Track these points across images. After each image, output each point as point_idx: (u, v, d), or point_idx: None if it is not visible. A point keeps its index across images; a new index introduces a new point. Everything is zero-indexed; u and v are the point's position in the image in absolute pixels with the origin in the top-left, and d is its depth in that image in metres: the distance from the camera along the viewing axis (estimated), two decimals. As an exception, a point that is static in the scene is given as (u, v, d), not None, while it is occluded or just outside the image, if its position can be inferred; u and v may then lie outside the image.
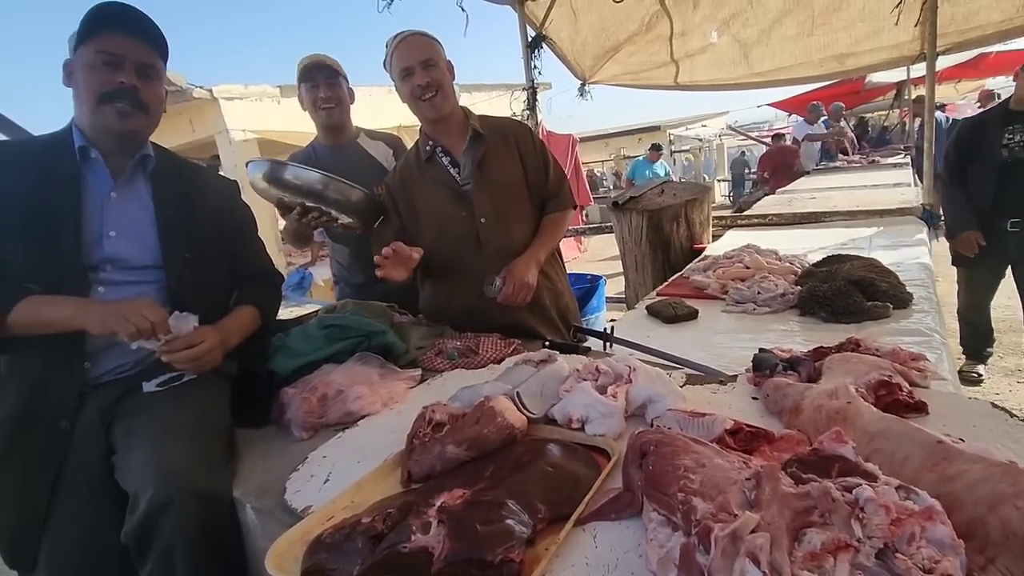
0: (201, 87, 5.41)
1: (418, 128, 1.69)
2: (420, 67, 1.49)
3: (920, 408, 0.92)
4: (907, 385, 0.96)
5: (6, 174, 1.11)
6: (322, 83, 1.90)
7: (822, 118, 7.79)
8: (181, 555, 0.90)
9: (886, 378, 0.94)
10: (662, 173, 8.34)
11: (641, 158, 9.12)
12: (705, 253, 2.55)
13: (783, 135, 8.46)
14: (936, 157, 3.10)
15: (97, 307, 1.07)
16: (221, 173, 1.42)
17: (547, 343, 1.50)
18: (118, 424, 1.08)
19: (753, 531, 0.53)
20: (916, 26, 2.78)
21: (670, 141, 15.28)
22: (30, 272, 1.08)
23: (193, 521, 0.90)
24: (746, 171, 13.59)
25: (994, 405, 0.92)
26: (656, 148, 8.87)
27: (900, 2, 2.58)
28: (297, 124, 6.04)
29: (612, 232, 3.21)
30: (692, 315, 1.73)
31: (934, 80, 2.90)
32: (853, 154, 7.63)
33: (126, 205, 1.20)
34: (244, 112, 5.71)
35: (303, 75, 1.91)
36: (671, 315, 1.72)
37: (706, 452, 0.72)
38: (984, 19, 2.89)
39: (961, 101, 12.82)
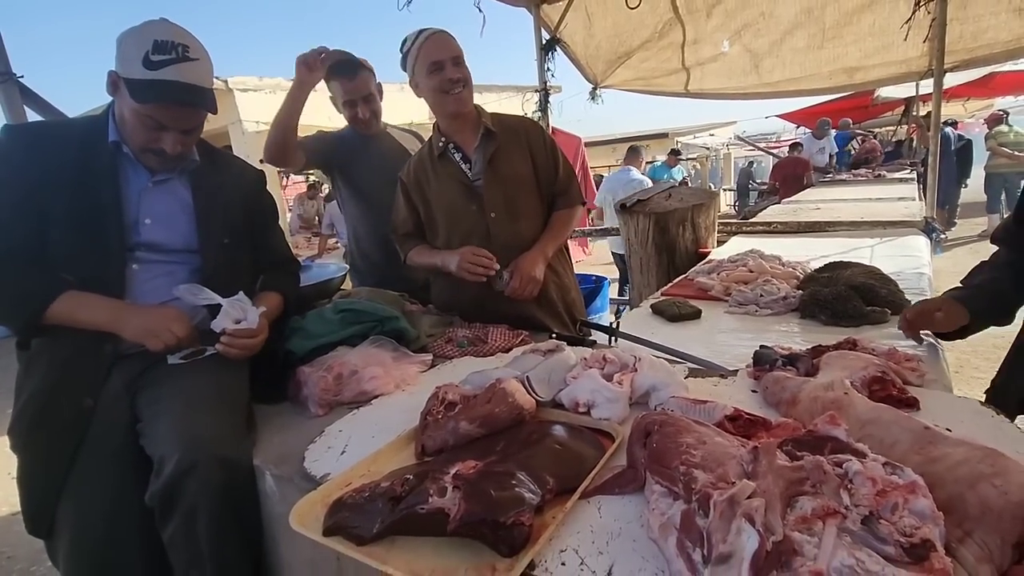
0: (217, 77, 5.47)
1: (427, 126, 1.74)
2: (451, 63, 1.55)
3: (911, 404, 0.96)
4: (900, 382, 1.00)
5: (51, 157, 1.14)
6: (356, 79, 1.97)
7: (832, 133, 7.90)
8: (204, 516, 0.95)
9: (880, 374, 0.99)
10: (679, 177, 8.66)
11: (659, 163, 9.57)
12: (710, 257, 2.59)
13: (800, 144, 8.52)
14: (942, 172, 3.14)
15: (130, 318, 1.12)
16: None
17: (554, 335, 1.55)
18: (143, 394, 1.13)
19: (750, 497, 0.58)
20: (925, 42, 2.83)
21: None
22: (70, 256, 1.13)
23: (216, 484, 0.95)
24: (751, 182, 13.62)
25: (982, 403, 0.97)
26: (675, 153, 9.34)
27: (909, 18, 2.63)
28: (310, 118, 6.12)
29: (618, 235, 3.25)
30: (695, 314, 1.77)
31: (941, 96, 2.94)
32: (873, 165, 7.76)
33: (162, 195, 1.25)
34: (258, 104, 5.77)
35: (337, 70, 1.96)
36: (675, 314, 1.76)
37: (707, 432, 0.77)
38: (992, 38, 2.94)
39: (970, 119, 12.87)
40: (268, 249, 1.44)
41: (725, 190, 15.91)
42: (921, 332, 1.32)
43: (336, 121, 2.18)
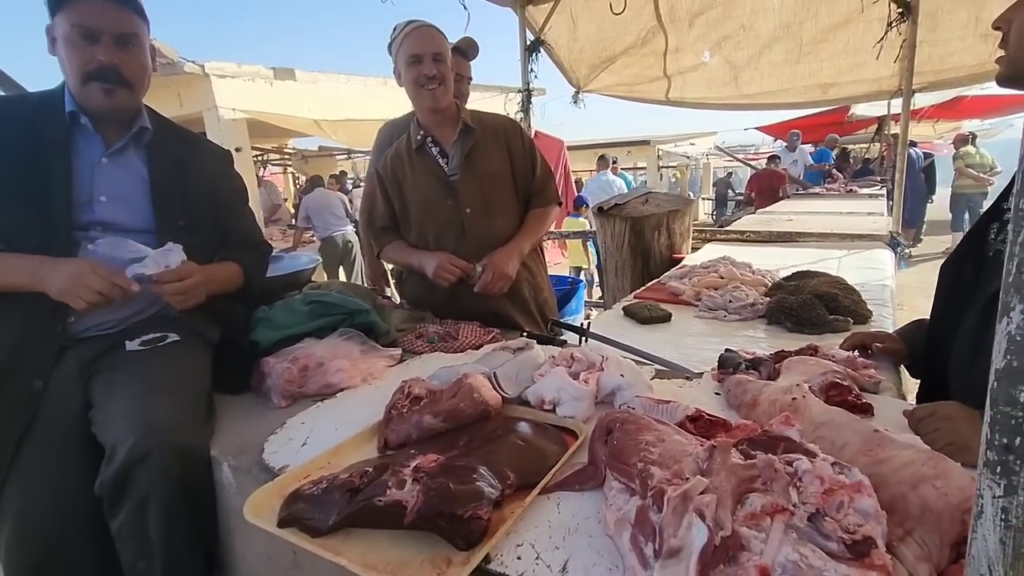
0: (193, 62, 5.35)
1: (413, 119, 1.73)
2: (430, 58, 1.54)
3: (866, 410, 0.99)
4: (856, 388, 1.03)
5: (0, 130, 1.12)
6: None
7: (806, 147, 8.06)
8: (155, 507, 0.92)
9: (837, 380, 1.02)
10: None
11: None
12: (683, 263, 2.63)
13: (777, 157, 8.69)
14: (909, 189, 3.24)
15: (50, 276, 1.06)
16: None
17: (525, 333, 1.55)
18: (97, 378, 1.10)
19: (702, 493, 0.58)
20: (896, 62, 2.92)
21: (658, 156, 15.51)
22: (17, 230, 1.09)
23: (170, 474, 0.93)
24: (730, 192, 13.87)
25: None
26: (603, 160, 7.90)
27: (882, 38, 2.71)
28: (288, 108, 6.04)
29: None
30: (666, 318, 1.80)
31: (909, 115, 3.04)
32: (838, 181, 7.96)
33: (117, 171, 1.21)
34: (235, 91, 5.65)
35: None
36: (645, 316, 1.79)
37: (667, 430, 0.78)
38: (958, 62, 3.05)
39: (939, 140, 13.32)
40: (236, 231, 1.40)
41: (704, 199, 16.16)
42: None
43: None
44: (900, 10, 2.71)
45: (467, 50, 2.13)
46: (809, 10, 3.14)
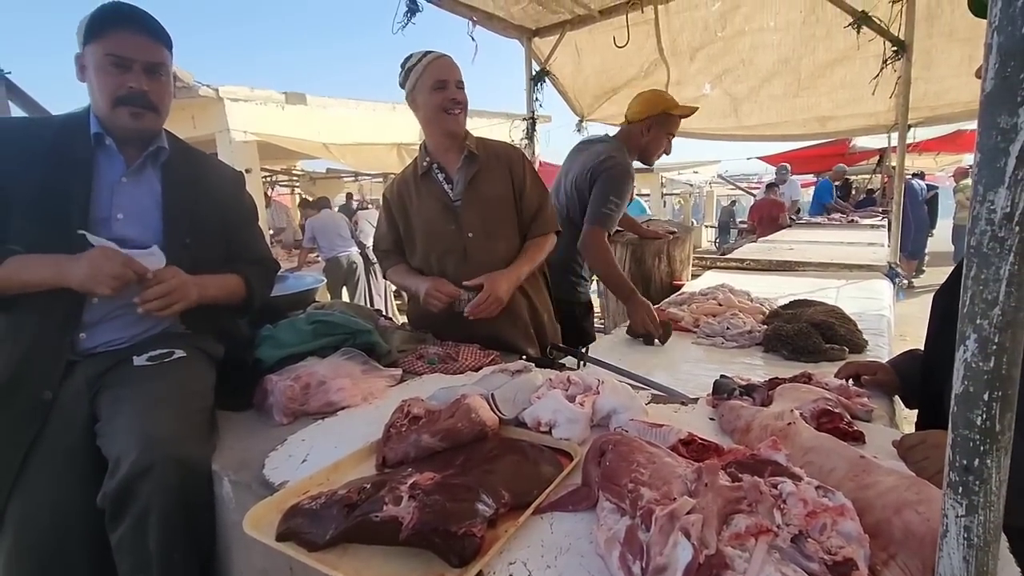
0: (208, 85, 5.51)
1: (415, 147, 1.79)
2: (454, 85, 1.63)
3: (857, 437, 1.00)
4: (848, 416, 1.05)
5: (22, 150, 1.17)
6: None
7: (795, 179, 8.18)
8: (155, 520, 0.94)
9: (829, 407, 1.03)
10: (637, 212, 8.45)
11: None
12: (683, 289, 2.66)
13: (775, 184, 8.79)
14: (912, 220, 3.28)
15: (73, 269, 1.11)
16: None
17: (524, 357, 1.57)
18: (104, 393, 1.12)
19: (689, 513, 0.60)
20: (891, 98, 2.99)
21: (662, 184, 15.69)
22: (35, 245, 1.13)
23: (171, 488, 0.94)
24: (732, 220, 13.97)
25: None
26: None
27: (877, 75, 2.79)
28: (298, 131, 6.18)
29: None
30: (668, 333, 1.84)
31: (904, 149, 3.10)
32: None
33: (135, 190, 1.27)
34: (247, 114, 5.80)
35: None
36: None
37: (658, 453, 0.80)
38: (954, 98, 3.12)
39: (940, 173, 13.45)
40: (244, 249, 1.45)
41: (707, 226, 16.27)
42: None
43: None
44: (895, 48, 2.79)
45: None
46: (807, 46, 3.24)
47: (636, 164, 2.29)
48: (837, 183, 9.81)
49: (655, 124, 2.19)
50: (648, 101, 2.22)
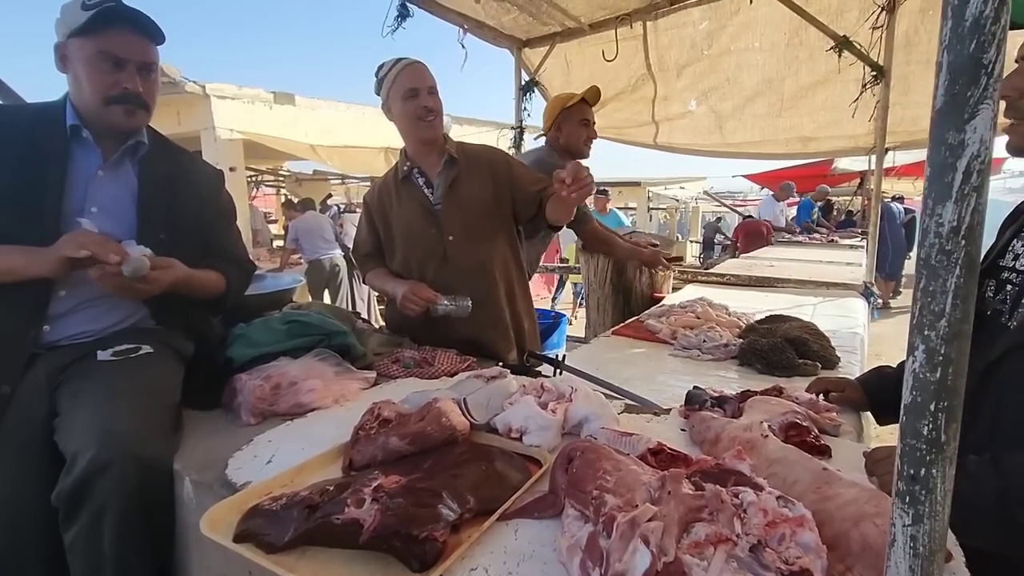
0: (195, 82, 5.44)
1: (400, 150, 1.79)
2: (427, 91, 1.62)
3: (824, 451, 1.01)
4: (816, 430, 1.06)
5: None
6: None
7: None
8: (112, 520, 0.91)
9: (797, 420, 1.04)
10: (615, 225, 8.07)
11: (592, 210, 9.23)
12: (663, 302, 2.68)
13: (753, 217, 8.87)
14: (890, 242, 3.34)
15: (46, 252, 1.08)
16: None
17: (500, 363, 1.57)
18: (65, 387, 1.09)
19: (650, 520, 0.60)
20: (870, 121, 3.06)
21: (648, 198, 15.86)
22: (5, 236, 1.10)
23: (130, 486, 0.92)
24: (717, 236, 14.15)
25: (888, 455, 1.03)
26: (603, 193, 7.61)
27: (856, 98, 2.86)
28: (285, 131, 6.13)
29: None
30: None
31: (882, 172, 3.18)
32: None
33: (111, 184, 1.24)
34: (234, 112, 5.73)
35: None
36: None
37: (625, 461, 0.80)
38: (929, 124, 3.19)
39: (919, 197, 13.78)
40: (221, 248, 1.42)
41: (691, 242, 16.46)
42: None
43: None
44: (874, 73, 2.87)
45: None
46: (790, 68, 3.31)
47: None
48: (819, 203, 10.00)
49: (563, 123, 2.40)
50: (547, 111, 2.50)
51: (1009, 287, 0.93)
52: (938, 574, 0.40)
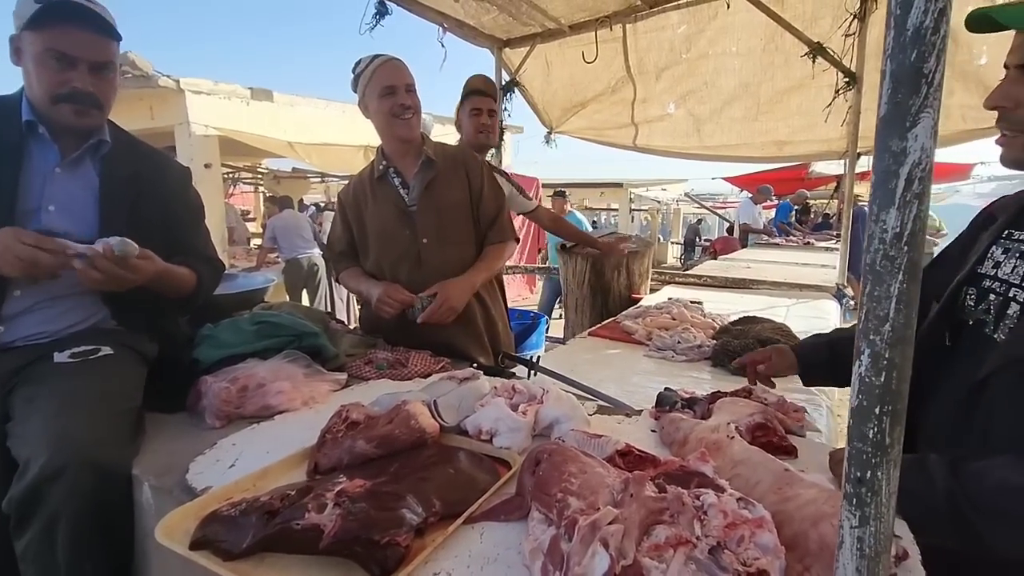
0: (168, 76, 5.33)
1: (377, 148, 1.77)
2: (403, 89, 1.60)
3: (790, 451, 1.02)
4: (783, 431, 1.07)
5: None
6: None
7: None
8: (65, 527, 0.88)
9: (764, 421, 1.06)
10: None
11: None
12: (641, 303, 2.70)
13: (733, 229, 9.01)
14: (858, 244, 3.42)
15: None
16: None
17: (474, 365, 1.56)
18: (19, 390, 1.06)
19: (611, 523, 0.60)
20: (843, 126, 3.12)
21: (630, 199, 15.98)
22: None
23: (85, 492, 0.89)
24: (698, 238, 14.32)
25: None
26: (560, 195, 7.24)
27: (829, 104, 2.92)
28: (263, 128, 6.04)
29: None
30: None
31: (854, 176, 3.25)
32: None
33: (69, 182, 1.20)
34: (209, 108, 5.63)
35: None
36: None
37: (591, 463, 0.80)
38: (900, 130, 3.27)
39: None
40: (189, 247, 1.38)
41: (672, 243, 16.63)
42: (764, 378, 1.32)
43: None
44: (847, 79, 2.93)
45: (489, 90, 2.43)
46: (766, 73, 3.36)
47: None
48: (797, 207, 10.18)
49: (458, 116, 2.44)
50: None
51: (992, 296, 0.90)
52: (884, 574, 0.41)
